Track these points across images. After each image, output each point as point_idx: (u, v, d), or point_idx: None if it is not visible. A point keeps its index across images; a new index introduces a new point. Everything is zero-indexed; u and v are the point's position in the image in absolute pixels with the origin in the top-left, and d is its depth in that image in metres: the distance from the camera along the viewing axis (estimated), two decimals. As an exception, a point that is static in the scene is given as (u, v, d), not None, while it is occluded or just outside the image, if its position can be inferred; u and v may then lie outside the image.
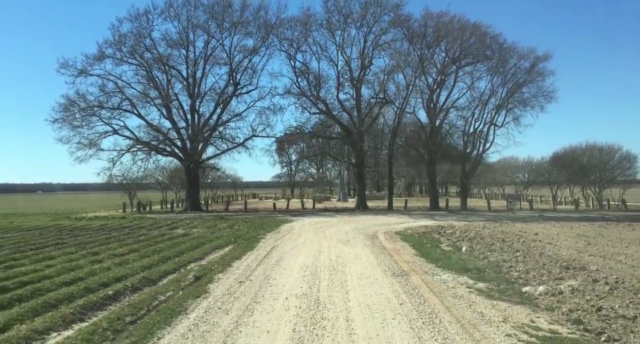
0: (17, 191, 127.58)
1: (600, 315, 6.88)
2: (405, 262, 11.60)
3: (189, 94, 35.13)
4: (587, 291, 8.34)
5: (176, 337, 5.96)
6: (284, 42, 34.29)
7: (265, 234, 18.39)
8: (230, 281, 9.42)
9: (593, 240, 15.88)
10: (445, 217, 27.31)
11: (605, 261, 11.54)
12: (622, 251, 13.29)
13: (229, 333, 6.06)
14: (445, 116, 35.27)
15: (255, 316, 6.86)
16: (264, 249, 14.10)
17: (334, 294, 8.18)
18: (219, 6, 33.59)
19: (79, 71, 32.18)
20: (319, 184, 60.51)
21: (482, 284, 9.07)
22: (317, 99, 35.20)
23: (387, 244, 15.27)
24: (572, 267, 10.62)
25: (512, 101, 33.47)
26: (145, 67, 34.08)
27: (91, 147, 33.10)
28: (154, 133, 35.02)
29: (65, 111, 31.93)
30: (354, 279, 9.44)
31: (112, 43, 33.09)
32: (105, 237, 17.79)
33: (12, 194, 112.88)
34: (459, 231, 19.13)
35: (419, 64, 33.28)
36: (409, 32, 33.05)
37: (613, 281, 9.08)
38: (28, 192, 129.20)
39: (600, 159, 34.43)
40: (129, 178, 35.80)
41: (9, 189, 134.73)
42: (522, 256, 12.35)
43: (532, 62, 32.69)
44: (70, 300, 7.97)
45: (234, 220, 25.58)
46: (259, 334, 6.03)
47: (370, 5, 32.99)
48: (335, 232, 19.10)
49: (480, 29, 32.09)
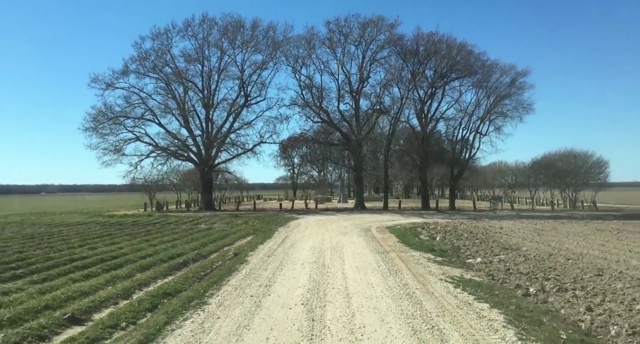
0: (14, 193, 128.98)
1: (506, 272, 10.63)
2: (388, 246, 15.36)
3: (204, 104, 38.97)
4: (508, 261, 12.10)
5: (238, 280, 9.71)
6: (290, 58, 38.19)
7: (277, 228, 22.15)
8: (260, 256, 13.18)
9: (544, 232, 19.64)
10: (433, 216, 31.07)
11: (537, 245, 15.32)
12: (560, 239, 17.05)
13: (270, 277, 9.84)
14: (435, 125, 39.18)
15: (283, 271, 10.63)
16: (279, 238, 17.87)
17: (334, 262, 11.94)
18: (232, 26, 37.51)
19: (107, 85, 36.10)
20: (321, 186, 64.28)
21: (440, 258, 12.80)
22: (320, 109, 39.05)
23: (377, 235, 19.03)
24: (510, 248, 14.40)
25: (494, 112, 37.32)
26: (165, 80, 37.96)
27: (116, 153, 36.98)
28: (171, 140, 38.86)
29: (95, 121, 35.78)
30: (349, 255, 13.21)
31: (136, 59, 37.03)
32: (145, 230, 21.57)
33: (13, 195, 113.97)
34: (440, 227, 22.89)
35: (412, 78, 37.13)
36: (402, 49, 36.94)
37: (531, 255, 12.85)
38: (25, 193, 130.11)
39: (575, 165, 38.21)
40: (150, 180, 39.51)
41: (5, 190, 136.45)
42: (479, 243, 16.13)
43: (513, 77, 36.64)
44: (154, 265, 11.69)
45: (247, 217, 29.31)
46: (288, 277, 9.79)
47: (368, 26, 36.86)
48: (335, 226, 22.85)
49: (465, 48, 36.02)
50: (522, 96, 37.06)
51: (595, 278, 9.69)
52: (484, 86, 37.07)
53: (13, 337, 5.92)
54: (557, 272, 10.48)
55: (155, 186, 40.69)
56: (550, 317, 6.92)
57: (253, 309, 7.36)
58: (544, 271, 10.54)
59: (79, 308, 7.43)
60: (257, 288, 8.85)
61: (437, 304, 7.57)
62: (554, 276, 10.01)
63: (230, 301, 7.92)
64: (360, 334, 6.03)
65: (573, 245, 15.27)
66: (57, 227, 23.50)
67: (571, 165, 38.66)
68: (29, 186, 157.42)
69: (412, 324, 6.43)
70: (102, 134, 36.16)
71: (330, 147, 45.69)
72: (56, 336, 6.26)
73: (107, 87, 36.09)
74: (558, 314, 7.19)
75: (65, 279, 9.85)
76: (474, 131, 38.34)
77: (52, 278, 10.04)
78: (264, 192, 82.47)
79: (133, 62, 37.06)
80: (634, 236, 17.87)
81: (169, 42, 37.44)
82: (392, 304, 7.54)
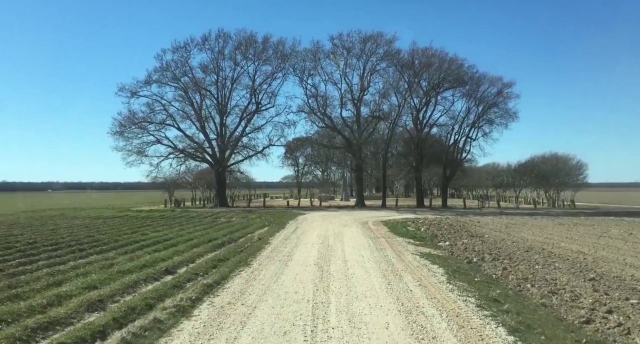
0: (20, 190, 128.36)
1: (464, 250, 14.38)
2: (380, 234, 19.15)
3: (219, 110, 42.86)
4: (469, 244, 15.85)
5: (267, 252, 13.52)
6: (297, 70, 42.03)
7: (288, 221, 25.97)
8: (279, 240, 17.00)
9: (512, 225, 23.38)
10: (425, 213, 34.81)
11: (498, 234, 19.08)
12: (520, 230, 20.78)
13: (289, 252, 13.66)
14: (430, 130, 42.93)
15: (299, 248, 14.46)
16: (291, 228, 21.69)
17: (336, 243, 15.75)
18: (245, 40, 41.38)
19: (132, 93, 40.04)
20: (324, 185, 68.07)
21: (418, 242, 16.57)
22: (324, 115, 42.90)
23: (372, 226, 22.82)
24: (476, 236, 18.17)
25: (483, 119, 41.10)
26: (183, 88, 41.85)
27: (139, 154, 40.90)
28: (189, 142, 42.78)
29: (121, 126, 39.74)
30: (347, 239, 17.02)
31: (158, 70, 40.95)
32: (176, 222, 25.41)
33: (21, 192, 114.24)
34: (427, 221, 26.64)
35: (408, 88, 40.91)
36: (399, 62, 40.67)
37: (489, 240, 16.61)
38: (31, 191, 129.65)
39: (556, 167, 41.89)
40: (169, 179, 43.45)
41: (11, 188, 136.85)
42: (454, 232, 19.89)
43: (499, 88, 40.34)
44: (200, 245, 15.49)
45: (260, 213, 33.15)
46: (302, 252, 13.61)
47: (368, 41, 40.63)
48: (338, 220, 26.65)
49: (456, 62, 39.82)
50: (507, 105, 40.88)
51: (523, 253, 13.46)
52: (473, 96, 40.86)
53: (142, 277, 9.74)
54: (500, 250, 14.24)
55: (174, 184, 44.59)
56: (476, 272, 10.69)
57: (282, 266, 11.19)
58: (490, 250, 14.30)
59: (166, 266, 11.24)
60: (282, 257, 12.68)
61: (404, 265, 11.37)
62: (496, 252, 13.77)
63: (266, 263, 11.74)
64: (351, 277, 9.84)
65: (527, 234, 19.03)
66: (98, 219, 27.39)
67: (553, 167, 42.33)
68: (34, 184, 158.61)
69: (385, 273, 10.23)
70: (127, 138, 40.13)
71: (333, 149, 49.49)
72: (163, 278, 10.07)
73: (132, 95, 40.07)
74: (483, 271, 10.96)
75: (142, 252, 13.67)
76: (464, 136, 42.17)
77: (131, 251, 13.86)
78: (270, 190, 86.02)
79: (155, 73, 41.02)
80: (582, 228, 21.61)
81: (188, 55, 41.42)
82: (374, 265, 11.34)
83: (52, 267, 11.12)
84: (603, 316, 7.02)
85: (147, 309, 7.34)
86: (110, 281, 9.31)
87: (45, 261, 11.95)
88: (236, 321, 6.63)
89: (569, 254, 13.40)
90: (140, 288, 9.01)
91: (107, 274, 9.96)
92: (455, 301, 7.73)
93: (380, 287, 8.83)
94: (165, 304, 7.56)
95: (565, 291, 8.66)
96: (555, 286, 9.12)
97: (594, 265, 11.52)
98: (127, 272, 10.32)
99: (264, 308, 7.37)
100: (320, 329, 6.19)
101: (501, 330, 6.19)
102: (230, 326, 6.42)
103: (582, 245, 15.32)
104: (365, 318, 6.73)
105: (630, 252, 13.60)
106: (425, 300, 7.80)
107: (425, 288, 8.78)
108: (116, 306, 7.48)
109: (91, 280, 9.37)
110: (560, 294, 8.41)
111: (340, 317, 6.80)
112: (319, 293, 8.33)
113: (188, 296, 7.97)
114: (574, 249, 14.28)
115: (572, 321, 6.85)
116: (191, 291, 8.34)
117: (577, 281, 9.59)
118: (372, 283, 9.19)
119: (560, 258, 12.66)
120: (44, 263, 11.66)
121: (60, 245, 15.05)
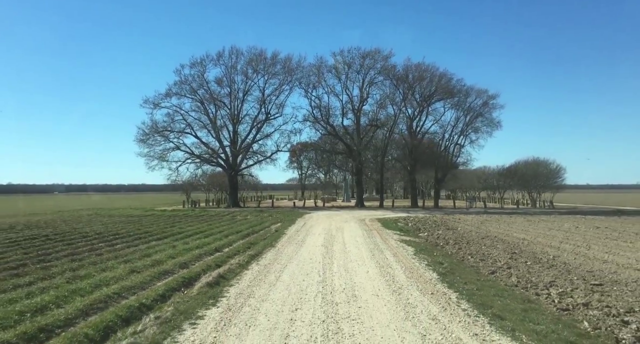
0: (24, 192, 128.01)
1: (437, 239, 18.62)
2: (373, 228, 23.42)
3: (231, 119, 47.26)
4: (443, 234, 20.10)
5: (285, 239, 17.82)
6: (302, 83, 46.46)
7: (296, 219, 30.27)
8: (292, 231, 21.29)
9: (487, 222, 27.60)
10: (417, 212, 39.06)
11: (471, 227, 23.32)
12: (491, 224, 25.00)
13: (302, 239, 17.97)
14: (422, 137, 47.18)
15: (309, 236, 18.76)
16: (300, 224, 25.98)
17: (337, 234, 20.03)
18: (256, 56, 45.86)
19: (154, 105, 44.51)
20: (327, 187, 72.39)
21: (403, 233, 20.83)
22: (327, 123, 47.28)
23: (368, 222, 27.10)
24: (450, 229, 22.42)
25: (470, 128, 45.44)
26: (200, 100, 46.29)
27: (160, 160, 45.34)
28: (205, 149, 47.20)
29: (145, 135, 44.19)
30: (347, 231, 21.30)
31: (177, 83, 45.44)
32: (201, 219, 29.72)
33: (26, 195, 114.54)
34: (417, 219, 30.89)
35: (402, 99, 45.26)
36: (395, 76, 45.02)
37: (460, 232, 20.84)
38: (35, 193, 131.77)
39: (537, 171, 46.12)
40: (187, 182, 47.88)
41: (14, 190, 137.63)
42: (435, 226, 24.14)
43: (485, 99, 44.67)
44: (231, 235, 19.76)
45: (270, 212, 37.45)
46: (312, 239, 17.90)
47: (367, 56, 45.03)
48: (339, 218, 30.94)
49: (446, 76, 44.18)
50: (492, 115, 45.26)
51: (480, 240, 17.72)
52: (461, 106, 45.25)
53: (203, 252, 14.05)
54: (463, 238, 18.48)
55: (191, 186, 49.03)
56: (438, 252, 14.95)
57: (298, 247, 15.49)
58: (456, 238, 18.55)
59: (214, 246, 15.52)
60: (297, 241, 16.99)
61: (386, 246, 15.66)
62: (459, 240, 18.02)
63: (286, 245, 16.04)
64: (348, 252, 14.13)
65: (494, 228, 23.28)
66: (133, 217, 31.73)
67: (534, 171, 46.57)
68: (38, 186, 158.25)
69: (371, 250, 14.50)
70: (150, 145, 44.58)
71: (335, 154, 53.88)
72: (215, 254, 14.35)
73: (154, 107, 44.56)
74: (445, 251, 15.20)
75: (190, 239, 17.97)
76: (454, 142, 46.46)
77: (181, 238, 18.15)
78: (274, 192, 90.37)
79: (175, 86, 45.49)
80: (543, 223, 25.83)
81: (204, 69, 45.89)
82: (365, 246, 15.63)
83: (131, 248, 15.44)
84: (504, 270, 11.29)
85: (217, 267, 11.64)
86: (182, 255, 13.61)
87: (122, 245, 16.25)
88: (277, 270, 10.96)
89: (514, 240, 17.65)
90: (205, 258, 13.31)
91: (177, 251, 14.28)
92: (414, 263, 12.03)
93: (366, 256, 13.14)
94: (229, 264, 11.87)
95: (490, 259, 12.94)
96: (487, 257, 13.39)
97: (525, 246, 15.79)
98: (189, 250, 14.63)
99: (292, 265, 11.68)
100: (327, 273, 10.50)
101: (434, 274, 10.48)
102: (274, 272, 10.74)
103: (528, 234, 19.58)
104: (355, 269, 11.04)
105: (560, 238, 17.85)
106: (395, 263, 12.09)
107: (397, 257, 13.09)
108: (197, 266, 11.78)
109: (169, 253, 13.69)
110: (486, 261, 12.69)
111: (340, 269, 11.11)
112: (326, 259, 12.65)
113: (241, 260, 12.29)
114: (520, 237, 18.55)
115: (483, 272, 11.11)
116: (242, 258, 12.67)
117: (504, 254, 13.87)
118: (361, 255, 13.50)
119: (504, 242, 16.93)
120: (123, 245, 15.97)
121: (122, 235, 19.39)
